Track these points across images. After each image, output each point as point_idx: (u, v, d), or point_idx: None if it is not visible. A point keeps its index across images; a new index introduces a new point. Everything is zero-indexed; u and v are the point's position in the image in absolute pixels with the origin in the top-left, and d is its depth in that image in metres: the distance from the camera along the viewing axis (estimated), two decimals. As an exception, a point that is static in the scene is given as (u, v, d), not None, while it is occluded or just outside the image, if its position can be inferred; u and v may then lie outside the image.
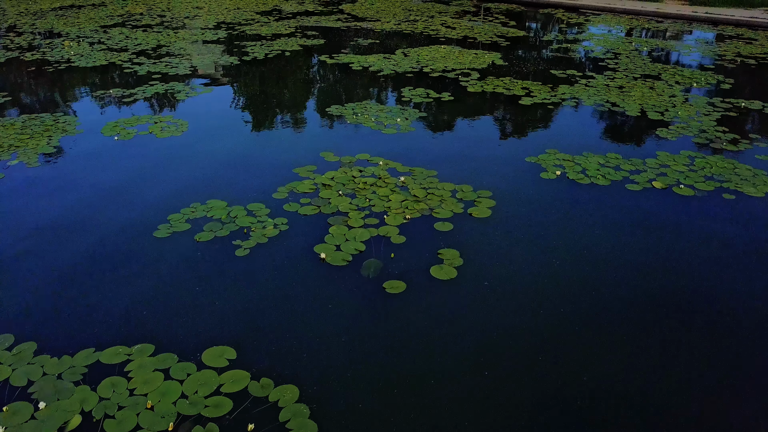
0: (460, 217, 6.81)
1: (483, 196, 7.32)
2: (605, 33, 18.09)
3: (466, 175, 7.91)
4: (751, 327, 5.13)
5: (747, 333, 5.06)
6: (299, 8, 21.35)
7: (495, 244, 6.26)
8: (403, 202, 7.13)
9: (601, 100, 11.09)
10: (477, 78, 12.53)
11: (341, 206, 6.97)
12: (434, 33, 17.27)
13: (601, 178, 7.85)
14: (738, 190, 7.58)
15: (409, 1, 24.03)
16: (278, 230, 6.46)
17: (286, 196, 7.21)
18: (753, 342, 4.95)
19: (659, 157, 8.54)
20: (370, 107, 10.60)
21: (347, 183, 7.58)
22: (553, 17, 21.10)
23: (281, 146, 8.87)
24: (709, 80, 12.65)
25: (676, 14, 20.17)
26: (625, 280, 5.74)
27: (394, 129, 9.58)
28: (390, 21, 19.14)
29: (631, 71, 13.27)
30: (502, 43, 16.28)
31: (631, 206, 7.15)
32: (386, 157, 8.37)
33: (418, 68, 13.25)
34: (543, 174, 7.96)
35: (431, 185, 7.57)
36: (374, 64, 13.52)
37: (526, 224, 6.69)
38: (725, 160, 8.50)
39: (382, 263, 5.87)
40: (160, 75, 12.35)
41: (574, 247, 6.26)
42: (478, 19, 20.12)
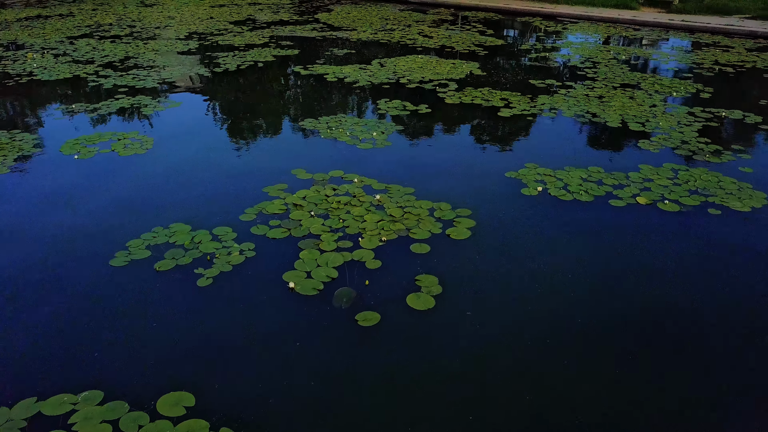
0: (438, 239, 6.46)
1: (462, 215, 6.99)
2: (583, 41, 17.96)
3: (445, 191, 7.58)
4: (742, 346, 4.85)
5: (739, 353, 4.77)
6: (274, 17, 20.96)
7: (475, 270, 5.92)
8: (379, 222, 6.77)
9: (581, 111, 10.86)
10: (455, 89, 12.25)
11: (313, 228, 6.59)
12: (411, 42, 16.99)
13: (584, 194, 7.57)
14: (724, 205, 7.35)
15: (386, 9, 23.79)
16: (244, 256, 6.05)
17: (254, 219, 6.81)
18: (743, 363, 4.67)
19: (642, 170, 8.30)
20: (345, 121, 10.24)
21: (320, 202, 7.20)
22: (531, 25, 20.97)
23: (251, 164, 8.46)
24: (688, 89, 12.51)
25: (653, 22, 20.16)
26: (614, 305, 5.44)
27: (370, 144, 9.23)
28: (366, 30, 18.84)
29: (610, 80, 13.10)
30: (480, 52, 16.05)
31: (617, 225, 6.87)
32: (361, 174, 8.01)
33: (395, 79, 12.93)
34: (524, 190, 7.66)
35: (408, 203, 7.22)
36: (350, 75, 13.17)
37: (508, 247, 6.37)
38: (709, 172, 8.28)
39: (355, 292, 5.50)
40: (127, 88, 11.87)
41: (558, 271, 5.95)
42: (456, 28, 19.92)
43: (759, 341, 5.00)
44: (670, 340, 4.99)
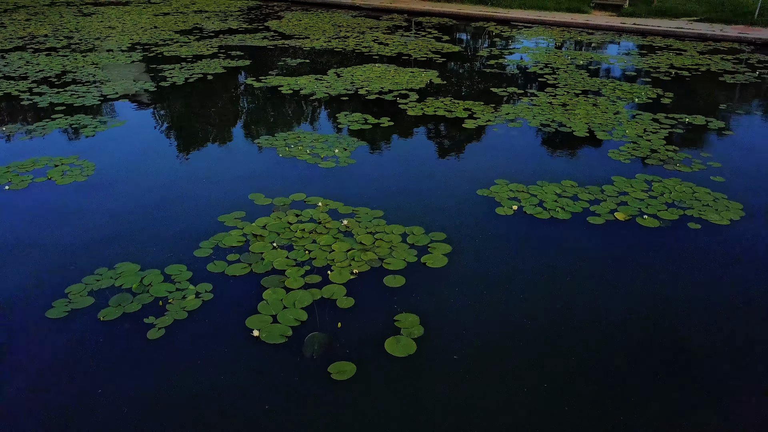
0: (414, 268, 5.98)
1: (436, 239, 6.53)
2: (540, 46, 17.86)
3: (416, 213, 7.11)
4: (733, 369, 4.54)
5: (731, 377, 4.46)
6: (222, 26, 20.14)
7: (457, 304, 5.45)
8: (349, 252, 6.24)
9: (546, 120, 10.59)
10: (416, 99, 11.82)
11: (276, 262, 6.01)
12: (367, 50, 16.51)
13: (561, 211, 7.22)
14: (702, 218, 7.13)
15: (338, 16, 23.26)
16: (201, 300, 5.42)
17: (210, 254, 6.18)
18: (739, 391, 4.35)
19: (616, 183, 8.03)
20: (304, 137, 9.67)
21: (282, 231, 6.62)
22: (486, 30, 20.81)
23: (204, 189, 7.78)
24: (649, 94, 12.44)
25: (606, 26, 20.27)
26: (604, 335, 5.06)
27: (332, 162, 8.69)
28: (320, 38, 18.27)
29: (571, 87, 12.92)
30: (437, 59, 15.70)
31: (598, 245, 6.54)
32: (325, 197, 7.47)
33: (353, 90, 12.42)
34: (498, 209, 7.26)
35: (378, 228, 6.71)
36: (306, 87, 12.59)
37: (488, 275, 5.93)
38: (683, 183, 8.08)
39: (327, 337, 4.95)
40: (65, 107, 10.97)
41: (543, 299, 5.54)
42: (410, 34, 19.55)
43: (749, 362, 4.71)
44: (663, 365, 4.64)
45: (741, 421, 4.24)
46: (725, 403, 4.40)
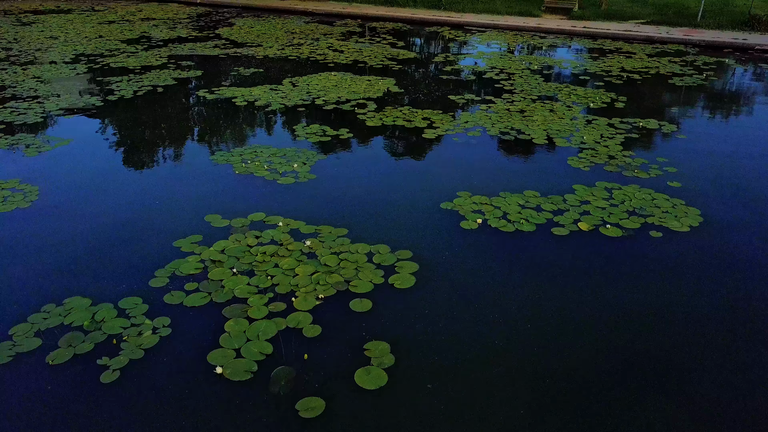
0: (382, 290, 5.82)
1: (403, 257, 6.38)
2: (494, 51, 17.98)
3: (381, 230, 6.95)
4: (707, 386, 4.55)
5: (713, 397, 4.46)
6: (171, 34, 19.58)
7: (427, 327, 5.31)
8: (314, 275, 6.03)
9: (505, 128, 10.60)
10: (374, 109, 11.68)
11: (238, 290, 5.75)
12: (322, 58, 16.29)
13: (525, 223, 7.18)
14: (663, 226, 7.19)
15: (291, 22, 22.94)
16: (158, 336, 5.13)
17: (166, 284, 5.87)
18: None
19: (577, 191, 8.05)
20: (261, 151, 9.39)
21: (242, 255, 6.36)
22: (440, 35, 20.85)
23: (158, 212, 7.44)
24: (603, 99, 12.62)
25: (558, 29, 20.58)
26: (581, 354, 5.00)
27: (291, 178, 8.45)
28: (273, 46, 17.94)
29: (527, 92, 13.01)
30: (393, 66, 15.61)
31: (564, 257, 6.50)
32: (286, 216, 7.24)
33: (310, 100, 12.19)
34: (463, 223, 7.17)
35: (343, 248, 6.53)
36: (261, 98, 12.29)
37: (457, 294, 5.81)
38: (641, 189, 8.16)
39: (294, 371, 4.74)
40: (4, 125, 10.38)
41: (515, 318, 5.46)
42: (365, 40, 19.42)
43: (717, 368, 4.72)
44: (642, 376, 4.61)
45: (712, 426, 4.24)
46: (698, 412, 4.38)
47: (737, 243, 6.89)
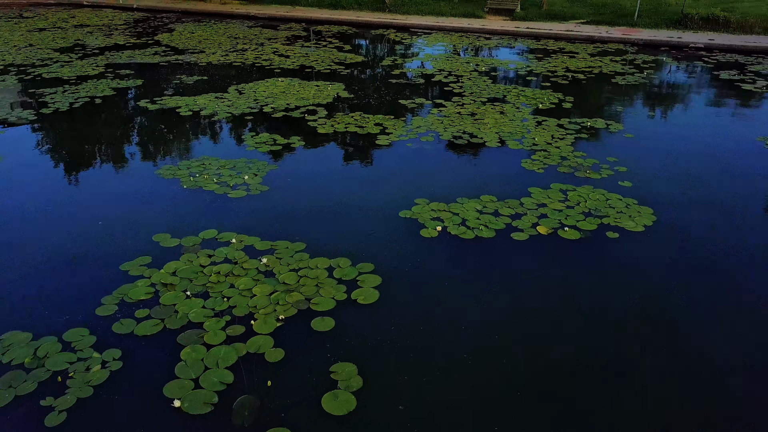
0: (345, 307, 5.63)
1: (365, 271, 6.21)
2: (441, 53, 18.02)
3: (340, 243, 6.76)
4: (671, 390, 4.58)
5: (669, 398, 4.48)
6: (107, 41, 18.79)
7: (395, 344, 5.16)
8: (272, 294, 5.79)
9: (458, 132, 10.57)
10: (325, 115, 11.46)
11: (192, 315, 5.45)
12: (268, 64, 15.94)
13: (484, 229, 7.13)
14: (619, 226, 7.27)
15: (234, 27, 22.42)
16: (108, 370, 4.79)
17: (114, 312, 5.51)
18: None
19: (533, 194, 8.07)
20: (209, 164, 9.03)
21: (195, 277, 6.05)
22: (386, 38, 20.78)
23: (102, 233, 7.01)
24: (551, 99, 12.79)
25: (502, 30, 20.83)
26: (553, 362, 4.94)
27: (243, 190, 8.14)
28: (216, 52, 17.45)
29: (477, 94, 13.05)
30: (341, 71, 15.41)
31: (525, 262, 6.48)
32: (240, 231, 6.95)
33: (258, 108, 11.86)
34: (423, 232, 7.05)
35: (302, 264, 6.30)
36: (206, 107, 11.88)
37: (422, 306, 5.68)
38: (595, 190, 8.25)
39: (258, 400, 4.50)
40: (-74, 143, 9.66)
41: (481, 328, 5.37)
42: (311, 44, 19.15)
43: (678, 366, 4.77)
44: (609, 378, 4.59)
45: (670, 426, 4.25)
46: (661, 414, 4.39)
47: (691, 241, 7.02)
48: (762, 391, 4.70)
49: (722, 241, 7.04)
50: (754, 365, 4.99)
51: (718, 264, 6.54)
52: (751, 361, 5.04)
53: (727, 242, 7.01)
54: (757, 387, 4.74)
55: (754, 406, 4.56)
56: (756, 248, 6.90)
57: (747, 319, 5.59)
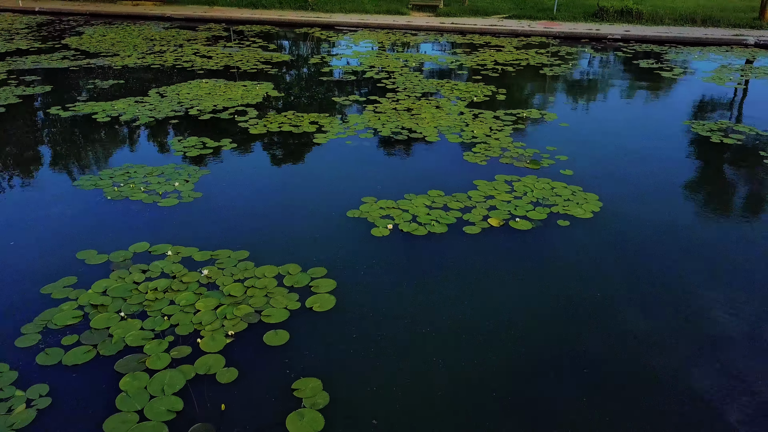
0: (300, 316, 5.23)
1: (317, 276, 5.83)
2: (370, 50, 17.76)
3: (288, 248, 6.33)
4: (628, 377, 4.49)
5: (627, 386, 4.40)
6: (8, 47, 17.33)
7: (359, 351, 4.80)
8: (218, 309, 5.30)
9: (396, 128, 10.32)
10: (256, 116, 10.93)
11: (129, 338, 4.89)
12: (189, 65, 15.14)
13: (436, 225, 6.89)
14: (568, 214, 7.23)
15: (148, 28, 21.28)
16: (35, 409, 4.18)
17: (38, 341, 4.87)
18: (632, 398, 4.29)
19: (480, 187, 7.92)
20: (135, 172, 8.34)
21: (129, 295, 5.47)
22: (312, 36, 20.31)
23: (17, 255, 6.25)
24: (484, 92, 12.78)
25: (427, 26, 20.82)
26: (516, 354, 4.74)
27: (174, 198, 7.54)
28: (132, 54, 16.44)
29: (411, 90, 12.87)
30: (269, 70, 14.86)
31: (480, 255, 6.28)
32: (175, 243, 6.39)
33: (183, 111, 11.17)
34: (374, 231, 6.73)
35: (247, 273, 5.84)
36: (126, 111, 11.07)
37: (382, 308, 5.36)
38: (539, 180, 8.20)
39: (213, 427, 4.04)
40: None
41: (442, 325, 5.11)
42: (233, 44, 18.41)
43: (634, 353, 4.70)
44: (576, 370, 4.45)
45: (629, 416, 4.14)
46: (624, 405, 4.28)
47: (638, 224, 7.06)
48: (708, 373, 4.69)
49: (668, 222, 7.12)
50: (703, 347, 5.00)
51: (666, 244, 6.58)
52: (700, 344, 5.04)
53: (673, 223, 7.10)
54: (704, 365, 4.73)
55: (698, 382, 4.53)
56: (697, 224, 7.03)
57: (703, 296, 5.63)
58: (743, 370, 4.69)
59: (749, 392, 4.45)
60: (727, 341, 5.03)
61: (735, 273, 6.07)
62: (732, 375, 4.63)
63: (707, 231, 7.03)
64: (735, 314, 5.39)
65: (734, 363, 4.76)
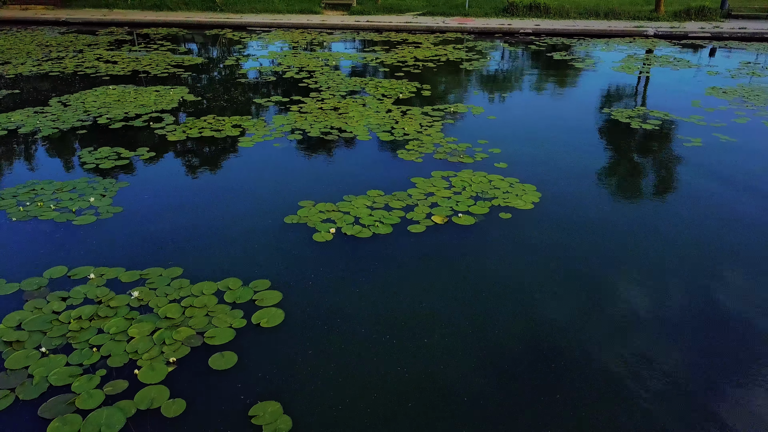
0: (246, 335, 4.82)
1: (261, 288, 5.43)
2: (287, 50, 17.27)
3: (224, 262, 5.87)
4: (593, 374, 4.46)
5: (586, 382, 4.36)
6: None
7: (317, 367, 4.46)
8: (155, 334, 4.80)
9: (325, 128, 9.98)
10: (173, 121, 10.26)
11: (54, 376, 4.32)
12: (93, 71, 14.09)
13: (380, 225, 6.64)
14: (509, 206, 7.18)
15: (42, 34, 19.72)
16: (-53, 473, 3.57)
17: (-58, 391, 4.20)
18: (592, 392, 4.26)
19: (418, 184, 7.74)
20: (42, 188, 7.54)
21: (49, 327, 4.86)
22: (224, 38, 19.51)
23: None
24: (409, 89, 12.67)
25: (342, 24, 20.54)
26: (477, 355, 4.58)
27: (91, 215, 6.86)
28: (26, 62, 15.12)
29: (334, 89, 12.55)
30: (181, 73, 14.07)
31: (428, 254, 6.09)
32: (97, 264, 5.79)
33: (91, 120, 10.31)
34: (316, 236, 6.39)
35: (183, 292, 5.35)
36: (25, 123, 10.08)
37: (335, 318, 5.04)
38: (475, 173, 8.13)
39: (167, 469, 3.59)
40: None
41: (400, 330, 4.86)
42: (139, 48, 17.37)
43: (588, 344, 4.69)
44: (544, 368, 4.35)
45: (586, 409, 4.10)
46: (574, 397, 4.23)
47: (577, 211, 7.12)
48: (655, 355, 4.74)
49: (606, 207, 7.23)
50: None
51: (611, 226, 6.66)
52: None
53: (611, 208, 7.21)
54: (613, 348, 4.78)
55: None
56: (633, 205, 7.19)
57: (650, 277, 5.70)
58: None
59: (659, 371, 4.50)
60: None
61: (676, 251, 6.21)
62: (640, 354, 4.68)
63: (644, 211, 7.18)
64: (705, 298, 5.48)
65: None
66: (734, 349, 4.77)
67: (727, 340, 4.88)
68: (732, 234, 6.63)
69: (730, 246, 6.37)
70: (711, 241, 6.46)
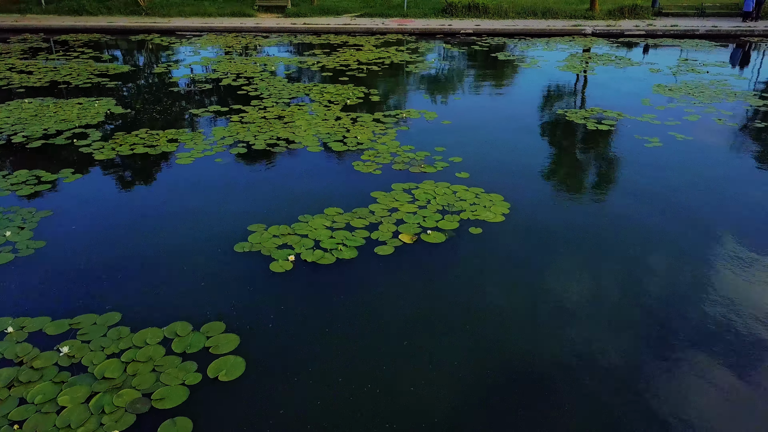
0: (202, 392, 4.12)
1: (214, 333, 4.72)
2: (221, 55, 16.32)
3: (169, 302, 5.12)
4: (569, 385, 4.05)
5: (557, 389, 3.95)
6: None
7: (288, 427, 3.83)
8: (91, 400, 4.04)
9: (271, 139, 9.25)
10: (100, 138, 9.27)
11: (-36, 469, 3.49)
12: (5, 83, 12.76)
13: (344, 249, 6.03)
14: (479, 219, 6.72)
15: (-54, 42, 17.92)
16: None
17: None
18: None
19: (379, 199, 7.17)
20: (-55, 223, 6.51)
21: (-42, 401, 3.99)
22: (151, 43, 18.31)
23: None
24: (357, 94, 12.07)
25: (278, 27, 19.71)
26: (462, 392, 4.06)
27: (8, 252, 5.93)
28: (-74, 73, 13.56)
29: (276, 96, 11.81)
30: (106, 83, 12.94)
31: (401, 279, 5.54)
32: (16, 314, 4.93)
33: (4, 139, 9.18)
34: (273, 266, 5.71)
35: (123, 344, 4.58)
36: (-75, 145, 8.86)
37: (303, 363, 4.41)
38: (438, 184, 7.64)
39: None
40: None
41: (380, 373, 4.28)
42: (58, 56, 16.00)
43: (567, 353, 4.29)
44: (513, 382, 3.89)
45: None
46: (553, 405, 3.80)
47: (551, 221, 6.73)
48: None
49: (579, 215, 6.88)
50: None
51: (589, 237, 6.30)
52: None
53: (585, 216, 6.87)
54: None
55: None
56: (607, 210, 6.88)
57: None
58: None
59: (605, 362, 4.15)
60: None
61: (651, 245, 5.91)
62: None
63: (617, 211, 6.87)
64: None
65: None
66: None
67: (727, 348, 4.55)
68: (718, 240, 6.40)
69: (721, 251, 6.12)
70: (695, 248, 6.20)
